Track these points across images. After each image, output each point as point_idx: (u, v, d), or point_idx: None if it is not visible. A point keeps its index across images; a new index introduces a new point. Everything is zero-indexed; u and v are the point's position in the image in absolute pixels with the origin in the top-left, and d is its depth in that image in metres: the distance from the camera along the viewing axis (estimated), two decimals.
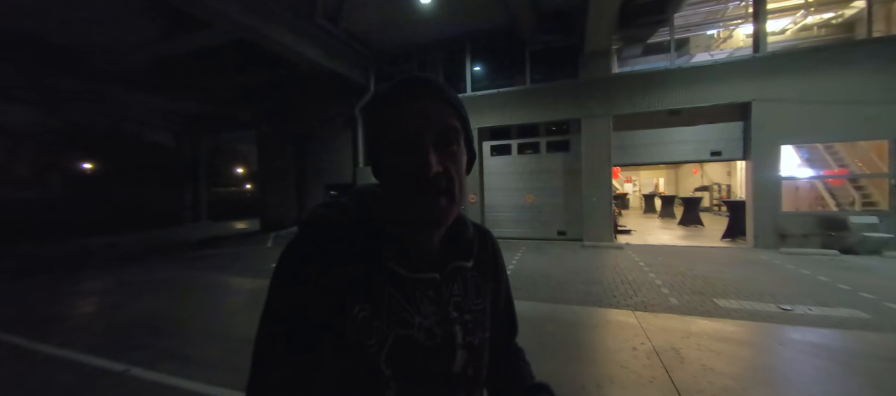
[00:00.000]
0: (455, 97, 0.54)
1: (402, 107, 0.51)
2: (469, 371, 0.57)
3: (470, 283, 0.61)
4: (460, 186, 0.53)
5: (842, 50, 7.20)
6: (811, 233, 7.19)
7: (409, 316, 0.53)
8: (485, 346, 0.61)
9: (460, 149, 0.53)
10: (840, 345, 3.04)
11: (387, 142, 0.52)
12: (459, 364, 0.56)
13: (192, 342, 3.47)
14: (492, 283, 0.66)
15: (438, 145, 0.50)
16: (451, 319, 0.56)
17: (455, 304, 0.57)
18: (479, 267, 0.63)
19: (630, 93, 8.32)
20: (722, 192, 15.42)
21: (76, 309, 4.69)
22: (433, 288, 0.56)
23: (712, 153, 8.26)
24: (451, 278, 0.58)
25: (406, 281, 0.53)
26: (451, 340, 0.55)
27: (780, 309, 3.99)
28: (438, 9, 8.10)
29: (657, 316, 3.81)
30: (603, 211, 8.55)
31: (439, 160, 0.50)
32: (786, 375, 2.68)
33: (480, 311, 0.61)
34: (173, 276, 6.38)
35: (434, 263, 0.56)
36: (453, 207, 0.52)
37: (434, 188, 0.49)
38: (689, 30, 10.91)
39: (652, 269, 5.93)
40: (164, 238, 11.50)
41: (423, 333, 0.53)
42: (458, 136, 0.53)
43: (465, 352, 0.56)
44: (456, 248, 0.59)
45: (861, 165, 8.30)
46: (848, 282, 4.91)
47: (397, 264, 0.53)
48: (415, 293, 0.54)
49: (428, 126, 0.50)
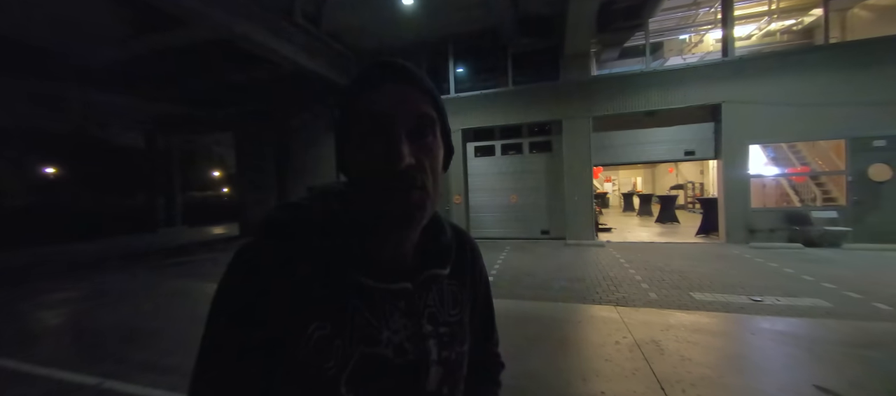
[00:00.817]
0: (430, 84, 0.49)
1: (372, 92, 0.46)
2: (444, 390, 0.51)
3: (446, 292, 0.55)
4: (435, 182, 0.47)
5: (802, 55, 7.66)
6: (778, 228, 7.61)
7: (376, 332, 0.47)
8: (462, 361, 0.55)
9: (436, 141, 0.48)
10: (806, 333, 3.24)
11: (355, 132, 0.46)
12: (434, 381, 0.50)
13: (169, 352, 3.34)
14: (470, 291, 0.60)
15: (412, 135, 0.45)
16: (424, 333, 0.50)
17: (429, 316, 0.52)
18: (456, 274, 0.57)
19: (608, 95, 8.58)
20: (696, 190, 16.07)
21: (43, 322, 4.43)
22: (405, 299, 0.50)
23: (686, 153, 8.61)
24: (424, 287, 0.52)
25: (374, 293, 0.47)
26: (425, 356, 0.50)
27: (751, 301, 4.21)
28: (421, 10, 8.11)
29: (638, 311, 3.94)
30: (584, 210, 8.76)
31: (412, 152, 0.44)
32: (757, 363, 2.83)
33: (457, 323, 0.55)
34: (147, 284, 6.12)
35: (406, 271, 0.51)
36: (427, 204, 0.46)
37: (406, 182, 0.44)
38: (662, 34, 11.35)
39: (632, 265, 6.12)
40: (136, 244, 11.00)
41: (393, 349, 0.47)
42: (433, 126, 0.47)
43: (441, 369, 0.51)
44: (431, 254, 0.53)
45: (821, 163, 8.84)
46: (811, 274, 5.22)
47: (364, 274, 0.47)
48: (383, 305, 0.48)
49: (400, 113, 0.45)
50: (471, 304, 0.61)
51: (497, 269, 6.21)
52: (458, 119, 9.53)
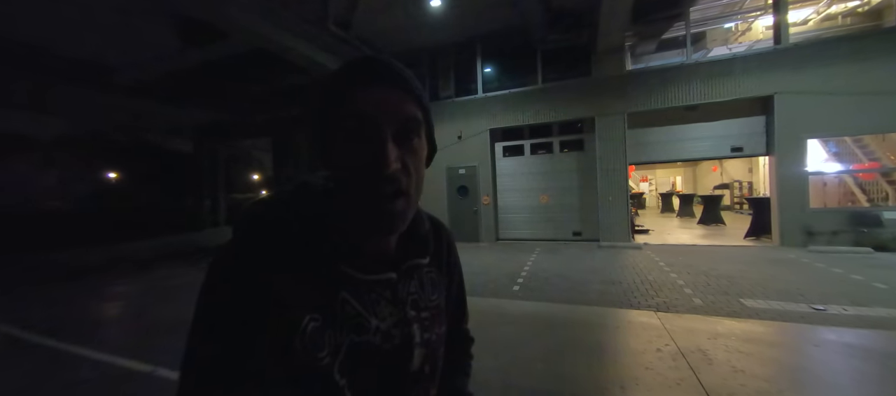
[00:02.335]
0: (417, 84, 0.49)
1: (359, 91, 0.45)
2: (426, 368, 0.55)
3: (426, 279, 0.58)
4: (418, 185, 0.49)
5: (869, 39, 6.90)
6: (841, 230, 6.88)
7: (365, 322, 0.48)
8: (441, 342, 0.59)
9: (421, 142, 0.49)
10: (879, 346, 2.89)
11: (339, 129, 0.46)
12: (417, 362, 0.53)
13: None
14: (446, 277, 0.65)
15: (398, 138, 0.45)
16: (409, 319, 0.53)
17: (412, 303, 0.55)
18: (434, 262, 0.61)
19: (645, 89, 8.16)
20: (743, 190, 14.95)
21: (104, 313, 4.84)
22: (390, 289, 0.52)
23: (733, 149, 8.01)
24: (407, 276, 0.55)
25: (361, 284, 0.49)
26: (410, 340, 0.52)
27: (813, 309, 3.82)
28: (448, 11, 8.12)
29: (681, 317, 3.69)
30: (619, 211, 8.38)
31: (398, 155, 0.44)
32: (822, 377, 2.55)
33: (436, 307, 0.59)
34: (195, 280, 6.53)
35: (390, 262, 0.53)
36: (409, 210, 0.48)
37: (390, 187, 0.44)
38: (705, 23, 10.65)
39: (673, 269, 5.77)
40: (184, 244, 11.81)
41: (381, 336, 0.49)
42: (418, 128, 0.48)
43: (423, 350, 0.54)
44: (412, 244, 0.56)
45: (894, 158, 7.92)
46: (885, 281, 4.67)
47: (351, 266, 0.48)
48: (370, 295, 0.50)
49: (387, 115, 0.45)
50: (447, 288, 0.65)
51: (527, 271, 6.06)
52: (486, 119, 9.44)
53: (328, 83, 0.48)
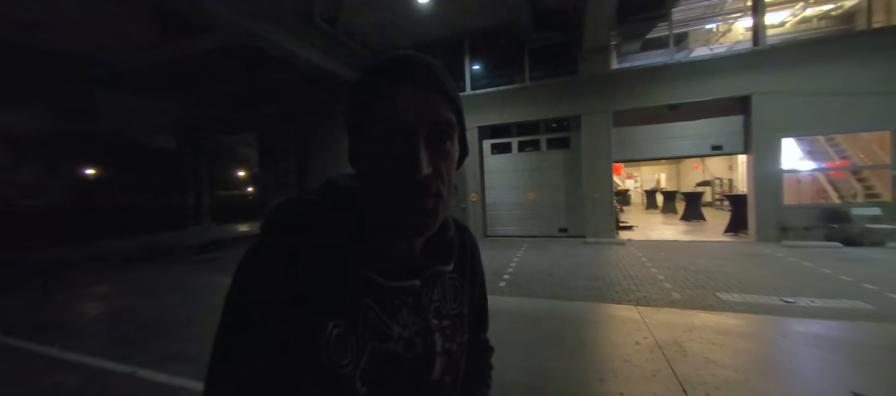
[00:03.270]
0: (452, 86, 0.48)
1: (392, 92, 0.44)
2: (447, 378, 0.54)
3: (448, 287, 0.57)
4: (449, 188, 0.48)
5: (842, 41, 7.18)
6: (813, 226, 7.18)
7: (386, 329, 0.48)
8: (463, 350, 0.58)
9: (453, 146, 0.48)
10: (844, 336, 3.05)
11: (371, 130, 0.45)
12: (438, 371, 0.52)
13: (199, 343, 3.49)
14: (469, 284, 0.63)
15: (431, 141, 0.44)
16: (431, 327, 0.52)
17: (434, 311, 0.53)
18: (458, 269, 0.59)
19: (629, 88, 8.32)
20: (723, 187, 15.39)
21: (82, 314, 4.72)
22: (413, 296, 0.51)
23: (713, 147, 8.25)
24: (430, 283, 0.54)
25: (384, 290, 0.48)
26: (431, 348, 0.51)
27: (783, 302, 3.99)
28: (436, 8, 8.10)
29: (660, 311, 3.81)
30: (604, 208, 8.55)
31: (430, 160, 0.44)
32: (789, 367, 2.68)
33: (458, 315, 0.57)
34: (177, 279, 6.41)
35: (414, 268, 0.51)
36: (441, 212, 0.47)
37: (422, 190, 0.44)
38: (687, 24, 10.88)
39: (654, 264, 5.93)
40: (167, 241, 11.55)
41: (403, 344, 0.49)
42: (452, 132, 0.47)
43: (444, 359, 0.53)
44: (436, 251, 0.54)
45: (863, 157, 8.27)
46: (851, 274, 4.91)
47: (376, 272, 0.47)
48: (393, 302, 0.49)
49: (421, 118, 0.44)
50: (469, 295, 0.63)
51: (513, 267, 6.15)
52: (475, 116, 9.47)
53: (361, 81, 0.47)
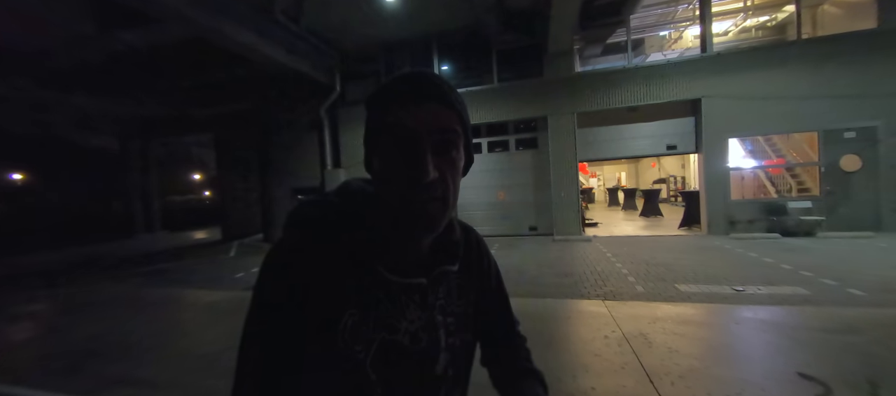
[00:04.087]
0: (459, 100, 0.53)
1: (404, 105, 0.49)
2: (449, 372, 0.58)
3: (454, 285, 0.61)
4: (455, 193, 0.52)
5: (776, 50, 7.89)
6: (756, 219, 7.83)
7: (395, 322, 0.52)
8: (466, 348, 0.61)
9: (459, 154, 0.52)
10: (786, 321, 3.32)
11: (382, 141, 0.50)
12: (441, 366, 0.56)
13: (149, 364, 3.19)
14: (477, 282, 0.67)
15: (437, 150, 0.49)
16: (436, 323, 0.56)
17: (440, 308, 0.58)
18: (464, 269, 0.63)
19: (592, 91, 8.66)
20: (678, 184, 16.44)
21: (10, 337, 4.18)
22: (419, 293, 0.55)
23: (668, 147, 8.78)
24: (437, 281, 0.58)
25: (394, 286, 0.53)
26: (436, 343, 0.56)
27: (734, 291, 4.30)
28: (403, 8, 8.01)
29: (625, 304, 3.97)
30: (571, 206, 8.83)
31: (436, 165, 0.48)
32: (742, 352, 2.87)
33: (462, 314, 0.61)
34: (124, 293, 5.86)
35: (422, 267, 0.56)
36: (446, 214, 0.51)
37: (428, 194, 0.48)
38: (643, 31, 11.53)
39: (618, 259, 6.19)
40: (112, 251, 10.56)
41: (409, 338, 0.53)
42: (458, 142, 0.51)
43: (448, 354, 0.57)
44: (443, 251, 0.59)
45: (795, 155, 9.14)
46: (789, 263, 5.39)
47: (386, 268, 0.52)
48: (401, 297, 0.54)
49: (429, 129, 0.48)
50: (481, 295, 0.68)
51: None
52: None
53: (376, 95, 0.52)
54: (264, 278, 0.50)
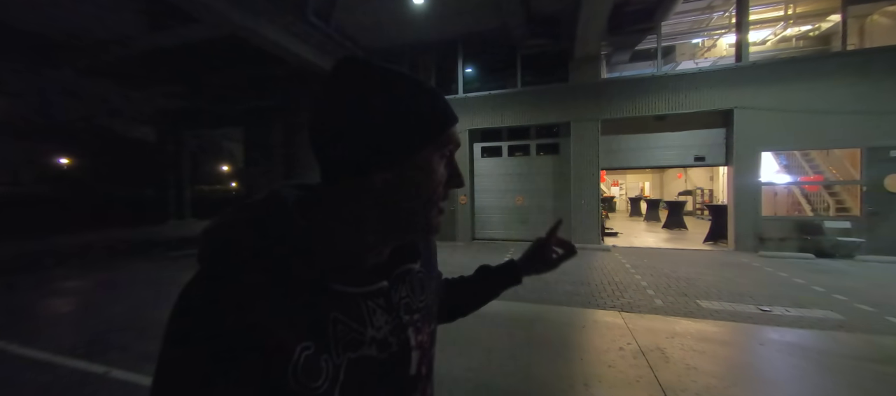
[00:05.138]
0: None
1: (452, 125, 0.53)
2: (422, 369, 0.56)
3: (415, 282, 0.58)
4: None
5: (818, 61, 7.50)
6: (788, 237, 7.46)
7: (358, 336, 0.47)
8: (433, 340, 0.61)
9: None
10: (815, 345, 3.17)
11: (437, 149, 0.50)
12: (414, 365, 0.54)
13: None
14: (434, 273, 0.67)
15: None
16: (403, 323, 0.53)
17: (405, 307, 0.55)
18: (424, 264, 0.62)
19: (618, 98, 8.49)
20: (704, 197, 15.84)
21: (53, 310, 4.52)
22: (383, 296, 0.51)
23: (696, 158, 8.49)
24: (399, 281, 0.55)
25: (352, 298, 0.47)
26: (406, 344, 0.53)
27: (760, 310, 4.13)
28: (431, 10, 8.12)
29: (643, 317, 3.89)
30: (591, 214, 8.69)
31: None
32: (765, 374, 2.77)
33: (426, 307, 0.59)
34: (156, 275, 6.21)
35: (381, 270, 0.53)
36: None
37: (438, 204, 0.52)
38: (675, 38, 11.20)
39: (638, 271, 6.05)
40: (146, 236, 11.18)
41: (377, 346, 0.49)
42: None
43: (418, 352, 0.55)
44: (404, 250, 0.57)
45: (835, 172, 8.65)
46: (823, 285, 5.12)
47: (341, 282, 0.46)
48: (367, 304, 0.49)
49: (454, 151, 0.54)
50: (434, 285, 0.67)
51: None
52: (466, 119, 9.51)
53: (441, 111, 0.50)
54: (178, 329, 0.38)
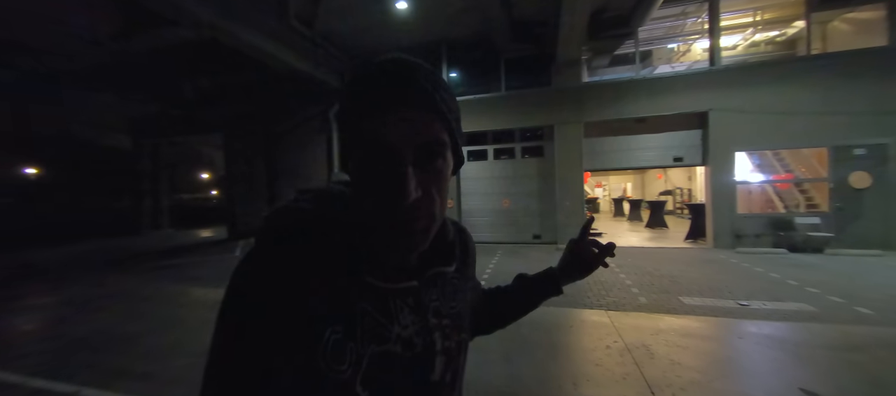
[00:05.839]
0: (445, 98, 0.46)
1: (383, 113, 0.42)
2: (447, 377, 0.54)
3: (448, 287, 0.58)
4: (442, 205, 0.47)
5: (785, 65, 7.88)
6: (763, 234, 7.75)
7: (385, 331, 0.48)
8: (462, 349, 0.58)
9: (445, 162, 0.46)
10: (791, 337, 3.29)
11: (358, 148, 0.44)
12: (438, 371, 0.53)
13: (151, 358, 3.25)
14: (469, 282, 0.65)
15: (420, 161, 0.43)
16: (430, 326, 0.52)
17: (434, 310, 0.54)
18: (459, 269, 0.60)
19: (599, 101, 8.69)
20: (684, 196, 16.32)
21: (20, 328, 4.27)
22: (412, 296, 0.51)
23: (675, 159, 8.75)
24: (430, 283, 0.54)
25: (382, 293, 0.48)
26: (431, 348, 0.52)
27: (739, 305, 4.27)
28: (414, 15, 8.14)
29: (628, 315, 3.96)
30: (576, 215, 8.82)
31: (420, 181, 0.43)
32: (745, 367, 2.86)
33: (457, 314, 0.58)
34: (130, 289, 5.95)
35: (413, 270, 0.52)
36: (432, 228, 0.47)
37: (412, 214, 0.43)
38: (652, 43, 11.54)
39: (622, 270, 6.17)
40: (121, 248, 10.73)
41: (402, 344, 0.49)
42: (444, 150, 0.46)
43: (444, 357, 0.53)
44: (436, 253, 0.55)
45: (804, 170, 9.06)
46: (796, 278, 5.33)
47: (373, 275, 0.48)
48: (393, 303, 0.49)
49: (409, 142, 0.42)
50: (469, 293, 0.65)
51: (489, 273, 6.20)
52: None
53: (349, 91, 0.46)
54: (233, 297, 0.44)
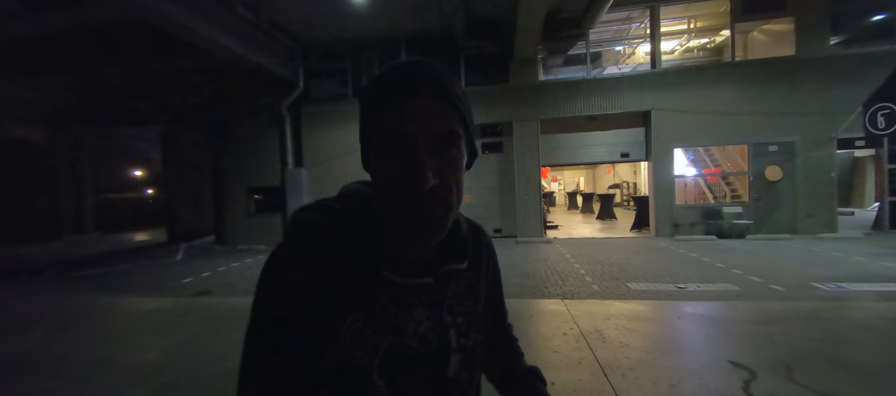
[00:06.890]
0: (457, 93, 0.49)
1: (401, 105, 0.45)
2: (463, 375, 0.55)
3: (463, 284, 0.59)
4: (458, 194, 0.49)
5: (714, 70, 8.75)
6: (696, 222, 8.59)
7: (402, 324, 0.50)
8: (478, 348, 0.59)
9: (460, 153, 0.49)
10: (720, 314, 3.68)
11: (376, 142, 0.47)
12: (454, 368, 0.54)
13: (77, 379, 2.89)
14: (485, 282, 0.65)
15: (436, 150, 0.46)
16: (445, 323, 0.54)
17: (448, 307, 0.55)
18: (473, 267, 0.61)
19: (555, 99, 9.06)
20: (630, 189, 17.58)
21: None
22: (427, 293, 0.53)
23: (622, 155, 9.38)
24: (444, 280, 0.56)
25: (399, 287, 0.51)
26: (446, 345, 0.53)
27: (677, 288, 4.69)
28: (369, 7, 7.91)
29: (582, 303, 4.20)
30: (534, 209, 9.16)
31: (436, 169, 0.45)
32: (683, 343, 3.15)
33: (472, 312, 0.59)
34: (48, 301, 5.24)
35: (428, 266, 0.54)
36: (450, 217, 0.49)
37: (430, 201, 0.45)
38: (601, 45, 12.22)
39: (577, 260, 6.52)
40: (35, 254, 9.41)
41: (417, 339, 0.51)
42: (458, 141, 0.48)
43: (460, 355, 0.55)
44: (450, 249, 0.57)
45: (729, 165, 10.14)
46: (723, 262, 5.97)
47: (390, 270, 0.50)
48: (408, 299, 0.52)
49: (425, 131, 0.45)
50: (485, 292, 0.66)
51: None
52: None
53: (368, 90, 0.49)
54: (264, 289, 0.48)
